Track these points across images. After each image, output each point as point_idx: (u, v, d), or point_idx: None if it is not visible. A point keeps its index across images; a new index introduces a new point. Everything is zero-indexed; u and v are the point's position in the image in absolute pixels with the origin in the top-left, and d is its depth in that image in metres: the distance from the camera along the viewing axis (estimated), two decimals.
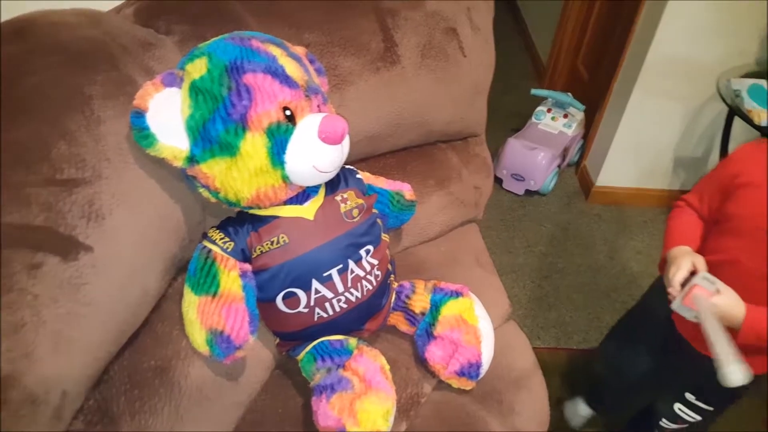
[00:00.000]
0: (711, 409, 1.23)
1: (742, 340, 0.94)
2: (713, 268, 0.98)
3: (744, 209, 0.99)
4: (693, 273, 0.97)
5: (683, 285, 0.98)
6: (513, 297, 2.02)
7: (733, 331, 0.91)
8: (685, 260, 0.98)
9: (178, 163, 0.83)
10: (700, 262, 0.99)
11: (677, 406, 1.26)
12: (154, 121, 0.79)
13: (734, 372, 0.83)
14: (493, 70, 1.42)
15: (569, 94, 2.57)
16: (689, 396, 1.22)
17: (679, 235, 1.09)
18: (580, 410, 1.64)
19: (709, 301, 0.92)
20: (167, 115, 0.81)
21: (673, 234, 1.10)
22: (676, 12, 1.93)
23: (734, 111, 1.85)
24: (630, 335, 1.43)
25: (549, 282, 2.11)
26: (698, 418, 1.24)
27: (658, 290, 1.22)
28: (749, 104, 1.79)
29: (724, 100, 1.87)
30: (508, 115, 2.82)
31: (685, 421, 1.27)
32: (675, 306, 0.97)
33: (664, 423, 1.32)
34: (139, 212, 0.84)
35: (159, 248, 0.89)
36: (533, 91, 2.59)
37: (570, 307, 2.03)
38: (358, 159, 1.29)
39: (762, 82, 1.83)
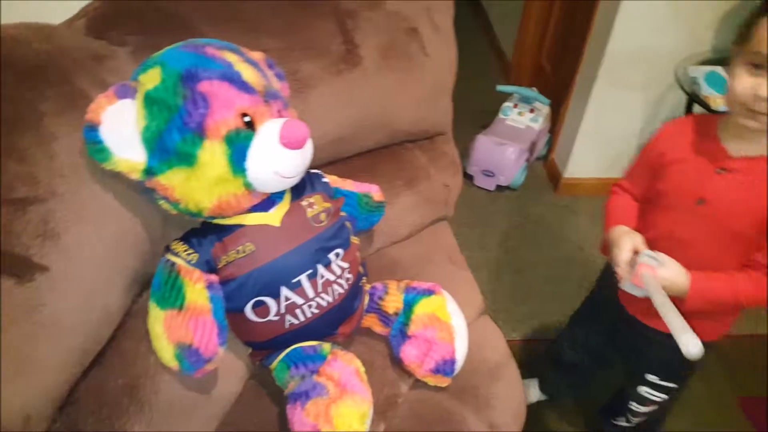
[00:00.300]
0: (675, 385, 1.27)
1: (690, 306, 0.97)
2: (651, 244, 1.01)
3: (673, 184, 1.04)
4: (636, 252, 1.00)
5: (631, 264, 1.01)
6: (488, 292, 2.03)
7: (681, 300, 0.94)
8: (624, 240, 1.01)
9: (136, 176, 0.81)
10: (638, 239, 1.02)
11: (643, 390, 1.30)
12: (108, 134, 0.77)
13: (690, 343, 0.86)
14: (456, 68, 1.42)
15: (534, 89, 2.59)
16: (651, 377, 1.26)
17: (616, 217, 1.13)
18: (530, 393, 1.67)
19: (655, 277, 0.95)
20: (122, 127, 0.79)
21: (611, 217, 1.15)
22: (633, 3, 1.96)
23: (692, 98, 1.88)
24: (585, 321, 1.48)
25: (522, 275, 2.13)
26: (665, 396, 1.29)
27: (607, 275, 1.26)
28: (706, 90, 1.82)
29: (682, 88, 1.90)
30: (476, 112, 2.83)
31: (653, 402, 1.31)
32: (625, 286, 1.00)
33: (634, 406, 1.35)
34: (97, 228, 0.82)
35: (120, 264, 0.87)
36: (499, 88, 2.61)
37: (543, 298, 2.04)
38: (324, 162, 1.28)
39: (718, 68, 1.86)
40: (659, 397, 1.29)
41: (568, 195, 2.50)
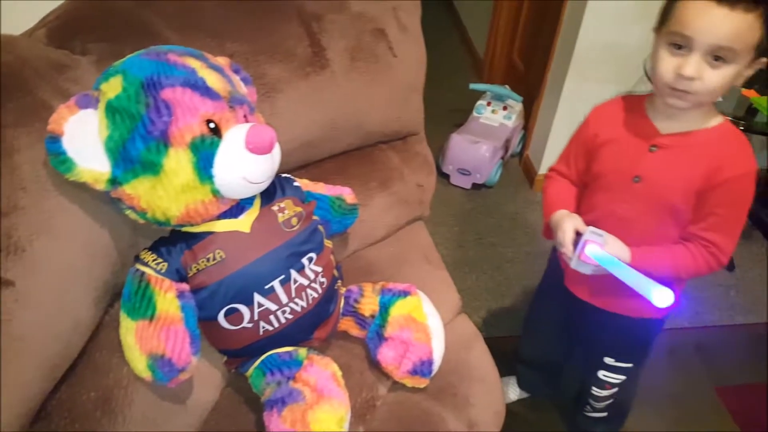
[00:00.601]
0: (631, 365, 1.30)
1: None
2: (594, 225, 1.03)
3: (608, 164, 1.07)
4: (578, 233, 1.03)
5: (575, 245, 1.03)
6: (467, 290, 2.04)
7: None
8: (565, 221, 1.04)
9: (100, 186, 0.80)
10: (578, 220, 1.05)
11: (601, 373, 1.32)
12: (70, 145, 0.76)
13: (660, 295, 0.88)
14: (428, 67, 1.42)
15: (507, 86, 2.61)
16: (608, 360, 1.29)
17: (555, 202, 1.16)
18: (509, 391, 1.69)
19: (603, 250, 0.98)
20: (84, 137, 0.78)
21: (550, 202, 1.17)
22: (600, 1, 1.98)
23: None
24: (537, 318, 1.52)
25: (500, 272, 2.14)
26: (623, 377, 1.32)
27: (552, 265, 1.29)
28: None
29: (651, 81, 1.92)
30: (449, 110, 2.84)
31: (613, 385, 1.34)
32: (573, 264, 1.02)
33: (595, 391, 1.38)
34: (63, 241, 0.81)
35: (88, 276, 0.85)
36: (472, 86, 2.62)
37: (522, 294, 2.05)
38: (296, 166, 1.27)
39: None
40: (617, 378, 1.32)
41: None
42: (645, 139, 1.01)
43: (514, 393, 1.69)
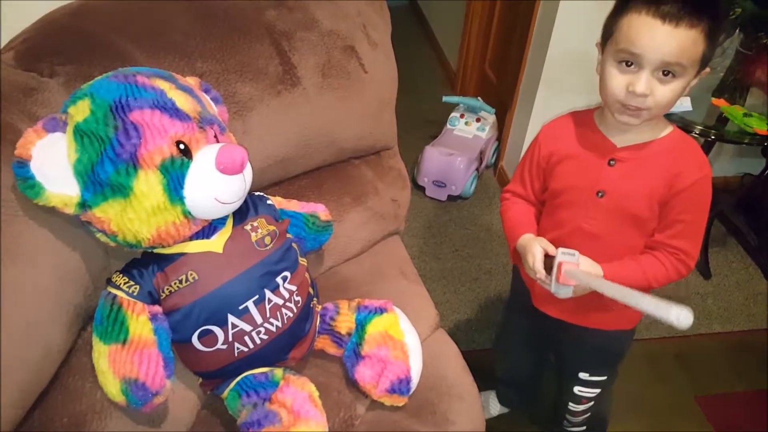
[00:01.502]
0: (606, 377, 1.30)
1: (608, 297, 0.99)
2: (561, 242, 1.04)
3: (569, 181, 1.07)
4: (548, 255, 1.02)
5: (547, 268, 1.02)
6: (445, 303, 2.04)
7: (596, 293, 0.96)
8: (533, 245, 1.03)
9: (70, 210, 0.79)
10: (544, 243, 1.04)
11: (576, 389, 1.33)
12: (38, 169, 0.75)
13: (679, 314, 0.79)
14: (399, 81, 1.43)
15: (479, 98, 2.63)
16: (583, 375, 1.30)
17: (518, 225, 1.15)
18: (490, 406, 1.69)
19: (580, 271, 0.97)
20: (52, 161, 0.77)
21: (512, 226, 1.16)
22: (570, 8, 2.01)
23: None
24: (507, 341, 1.52)
25: (479, 284, 2.14)
26: (598, 390, 1.32)
27: (517, 284, 1.29)
28: None
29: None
30: (424, 123, 2.86)
31: (589, 399, 1.35)
32: (552, 289, 1.00)
33: (572, 407, 1.38)
34: (34, 265, 0.80)
35: (60, 300, 0.84)
36: (444, 98, 2.64)
37: (501, 306, 2.06)
38: (270, 183, 1.27)
39: None
40: (592, 392, 1.33)
41: None
42: (602, 154, 1.02)
43: (494, 408, 1.69)
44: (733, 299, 2.16)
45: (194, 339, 0.90)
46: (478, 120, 2.58)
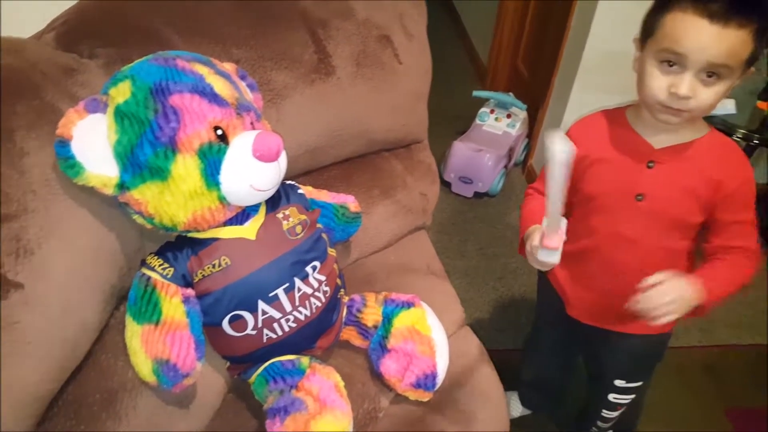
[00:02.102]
0: (641, 383, 1.28)
1: (708, 311, 0.98)
2: (594, 250, 1.03)
3: (605, 185, 1.04)
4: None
5: None
6: (468, 300, 2.03)
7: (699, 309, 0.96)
8: (534, 234, 0.98)
9: (108, 191, 0.80)
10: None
11: (612, 396, 1.30)
12: (79, 149, 0.76)
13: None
14: (431, 75, 1.43)
15: (511, 93, 2.61)
16: (619, 382, 1.27)
17: (531, 217, 1.11)
18: (511, 407, 1.67)
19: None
20: (93, 142, 0.78)
21: (525, 218, 1.14)
22: (609, 6, 1.98)
23: None
24: (539, 340, 1.49)
25: (503, 283, 2.13)
26: (632, 396, 1.30)
27: (544, 288, 1.27)
28: None
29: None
30: (452, 118, 2.84)
31: (623, 405, 1.33)
32: (541, 256, 0.94)
33: (606, 413, 1.36)
34: (72, 244, 0.81)
35: (96, 279, 0.86)
36: (475, 93, 2.62)
37: (525, 307, 2.04)
38: (300, 173, 1.27)
39: None
40: (628, 398, 1.30)
41: None
42: (640, 156, 0.99)
43: (516, 410, 1.67)
44: (766, 309, 2.10)
45: (224, 323, 0.90)
46: (508, 116, 2.55)
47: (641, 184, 1.00)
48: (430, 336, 1.05)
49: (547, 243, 0.91)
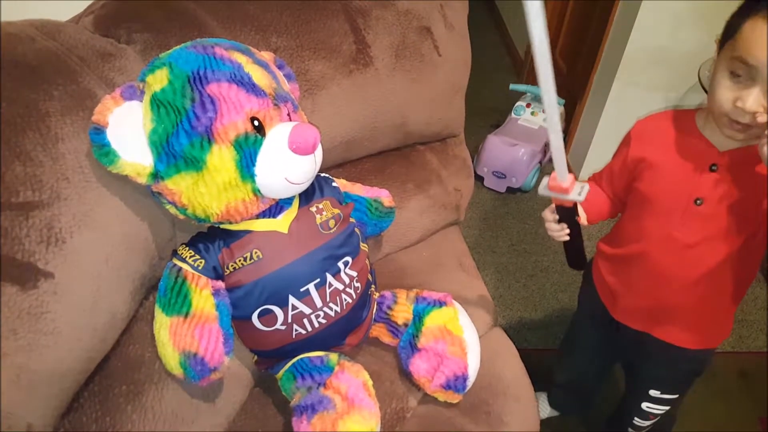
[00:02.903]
0: (676, 396, 1.24)
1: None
2: (645, 254, 1.00)
3: (662, 186, 0.99)
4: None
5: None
6: (498, 297, 2.00)
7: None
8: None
9: (142, 180, 0.79)
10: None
11: (645, 405, 1.27)
12: (114, 136, 0.75)
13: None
14: (470, 67, 1.39)
15: None
16: (654, 392, 1.24)
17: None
18: (540, 409, 1.64)
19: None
20: (128, 129, 0.77)
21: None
22: (654, 3, 1.91)
23: None
24: (576, 347, 1.45)
25: (534, 281, 2.09)
26: (667, 407, 1.27)
27: (587, 290, 1.24)
28: None
29: (705, 90, 1.85)
30: (487, 111, 2.80)
31: (656, 415, 1.29)
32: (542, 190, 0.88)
33: (637, 422, 1.33)
34: (103, 233, 0.80)
35: (126, 269, 0.85)
36: (512, 86, 2.56)
37: (556, 306, 2.00)
38: (334, 165, 1.25)
39: None
40: (662, 409, 1.27)
41: None
42: (702, 158, 0.94)
43: (544, 411, 1.65)
44: None
45: (254, 317, 0.89)
46: (545, 110, 2.49)
47: (701, 187, 0.95)
48: (462, 336, 1.02)
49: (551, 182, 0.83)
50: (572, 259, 1.12)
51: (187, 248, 0.88)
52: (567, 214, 0.96)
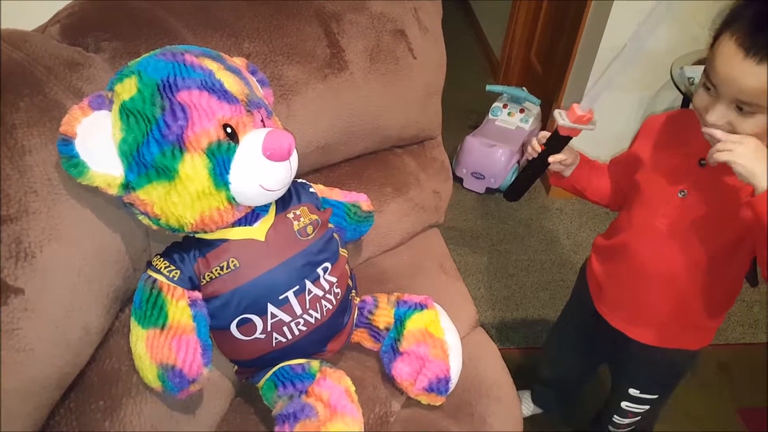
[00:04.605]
0: (657, 396, 1.25)
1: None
2: (629, 243, 1.02)
3: (652, 176, 1.02)
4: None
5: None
6: (480, 298, 2.01)
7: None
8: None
9: (113, 191, 0.77)
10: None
11: (624, 404, 1.28)
12: (83, 147, 0.73)
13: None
14: (446, 70, 1.39)
15: (524, 88, 2.56)
16: (633, 391, 1.25)
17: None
18: (522, 407, 1.65)
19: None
20: (97, 140, 0.75)
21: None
22: (626, 1, 1.93)
23: (688, 98, 1.85)
24: (562, 343, 1.46)
25: (515, 281, 2.10)
26: (647, 407, 1.28)
27: (578, 292, 1.25)
28: None
29: (678, 88, 1.88)
30: (464, 112, 2.81)
31: (636, 414, 1.30)
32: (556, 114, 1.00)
33: (617, 419, 1.34)
34: (75, 246, 0.78)
35: (100, 282, 0.83)
36: (488, 87, 2.57)
37: (537, 305, 2.02)
38: (311, 170, 1.25)
39: None
40: (641, 408, 1.28)
41: (560, 197, 2.48)
42: (694, 152, 0.95)
43: (527, 408, 1.66)
44: None
45: (233, 327, 0.88)
46: (521, 111, 2.51)
47: (688, 179, 0.96)
48: (444, 339, 1.02)
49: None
50: (515, 186, 1.17)
51: (162, 259, 0.87)
52: (560, 142, 1.04)
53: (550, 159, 1.05)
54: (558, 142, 1.04)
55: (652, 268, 1.03)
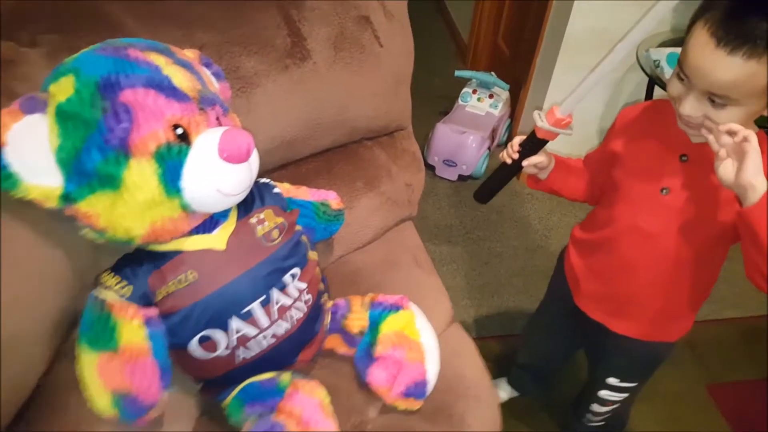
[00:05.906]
0: (635, 384, 1.24)
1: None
2: (611, 241, 1.00)
3: (633, 173, 0.98)
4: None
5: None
6: (456, 287, 1.97)
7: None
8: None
9: (51, 204, 0.70)
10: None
11: (603, 393, 1.27)
12: (15, 157, 0.66)
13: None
14: (413, 57, 1.33)
15: (492, 73, 2.51)
16: (612, 381, 1.23)
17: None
18: (500, 392, 1.64)
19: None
20: (31, 148, 0.67)
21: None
22: None
23: (654, 80, 1.83)
24: (541, 332, 1.46)
25: (489, 268, 2.07)
26: (625, 395, 1.27)
27: (558, 276, 1.23)
28: (668, 73, 1.77)
29: (644, 70, 1.85)
30: (434, 98, 2.75)
31: (613, 402, 1.29)
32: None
33: (595, 407, 1.34)
34: (9, 270, 0.70)
35: (42, 307, 0.75)
36: (457, 73, 2.52)
37: (512, 291, 1.99)
38: (276, 167, 1.18)
39: (679, 50, 1.81)
40: (620, 397, 1.27)
41: None
42: (675, 148, 0.92)
43: (504, 392, 1.64)
44: (746, 284, 2.04)
45: (193, 344, 0.81)
46: (491, 96, 2.46)
47: (669, 177, 0.92)
48: (420, 341, 0.97)
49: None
50: (486, 187, 1.15)
51: (112, 274, 0.79)
52: (537, 145, 1.01)
53: (524, 163, 1.03)
54: (534, 144, 1.01)
55: (635, 265, 1.00)
